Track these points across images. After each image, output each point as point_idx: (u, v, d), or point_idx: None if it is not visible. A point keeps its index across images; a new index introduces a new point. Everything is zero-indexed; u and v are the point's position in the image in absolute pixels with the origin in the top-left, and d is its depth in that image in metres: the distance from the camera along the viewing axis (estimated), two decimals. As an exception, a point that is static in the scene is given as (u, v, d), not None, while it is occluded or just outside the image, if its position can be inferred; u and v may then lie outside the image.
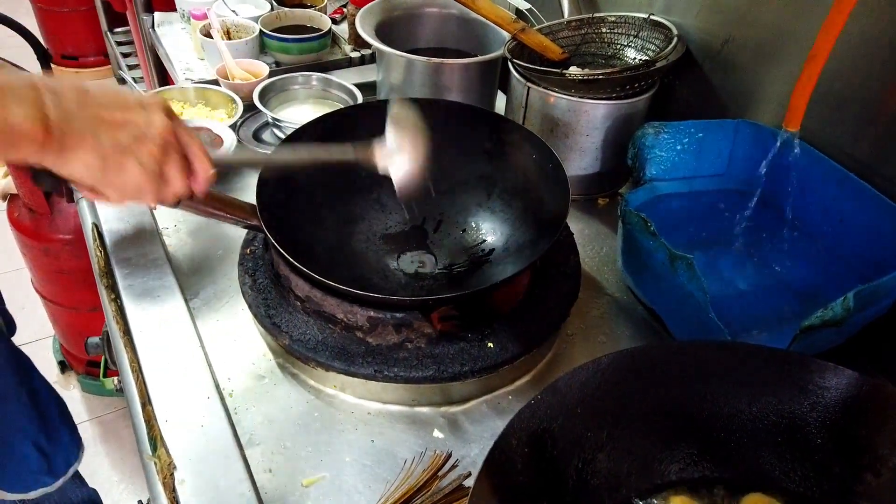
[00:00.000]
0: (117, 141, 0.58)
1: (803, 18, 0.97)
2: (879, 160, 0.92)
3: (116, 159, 0.59)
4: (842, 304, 0.74)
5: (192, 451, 0.78)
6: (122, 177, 0.60)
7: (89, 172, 0.59)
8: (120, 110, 0.59)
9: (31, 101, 0.54)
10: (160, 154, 0.61)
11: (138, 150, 0.60)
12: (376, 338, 0.86)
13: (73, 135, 0.56)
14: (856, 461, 0.66)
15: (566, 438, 0.65)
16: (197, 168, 0.66)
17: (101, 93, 0.59)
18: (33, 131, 0.54)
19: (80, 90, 0.57)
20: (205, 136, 1.13)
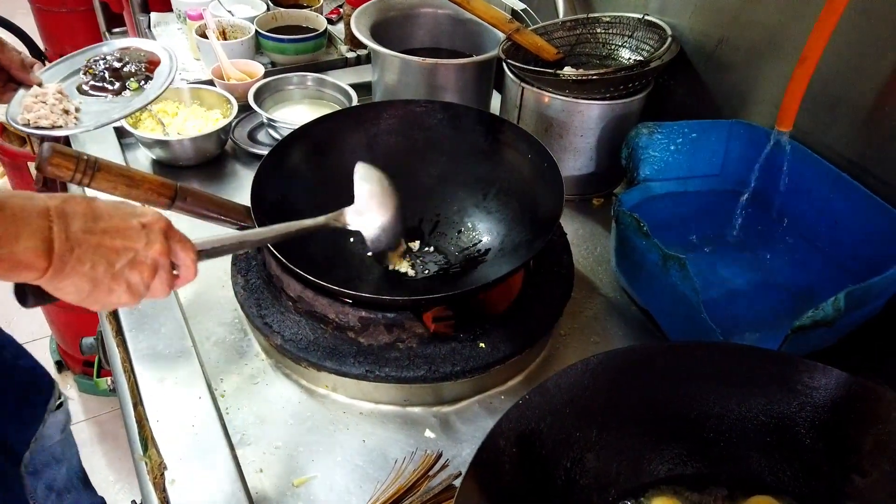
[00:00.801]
0: (112, 268, 0.59)
1: (797, 19, 0.97)
2: (872, 161, 0.92)
3: (107, 284, 0.60)
4: (833, 305, 0.74)
5: (183, 451, 0.78)
6: (109, 297, 0.61)
7: (78, 295, 0.59)
8: (122, 237, 0.60)
9: (40, 234, 0.55)
10: (150, 277, 0.63)
11: (130, 275, 0.61)
12: (368, 338, 0.86)
13: (71, 262, 0.57)
14: (844, 461, 0.66)
15: (555, 438, 0.65)
16: (183, 274, 0.68)
17: (109, 215, 0.60)
18: (37, 263, 0.55)
19: (89, 215, 0.58)
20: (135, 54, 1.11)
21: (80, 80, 1.04)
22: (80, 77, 1.05)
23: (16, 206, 0.54)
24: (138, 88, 1.04)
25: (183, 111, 1.30)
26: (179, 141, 1.20)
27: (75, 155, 0.76)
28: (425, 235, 1.08)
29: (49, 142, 0.84)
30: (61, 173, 0.74)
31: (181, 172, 1.24)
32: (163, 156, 1.24)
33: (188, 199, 0.84)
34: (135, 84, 1.05)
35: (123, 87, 1.05)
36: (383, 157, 1.11)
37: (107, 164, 0.77)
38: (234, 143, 1.29)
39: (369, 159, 1.11)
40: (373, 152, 1.12)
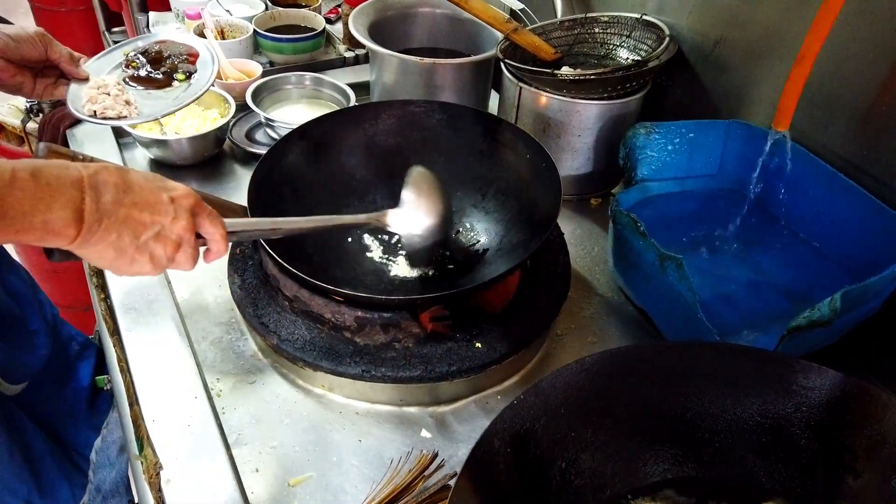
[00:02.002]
0: (137, 240, 0.61)
1: (794, 19, 0.97)
2: (869, 160, 0.92)
3: (132, 254, 0.62)
4: (829, 305, 0.74)
5: (179, 451, 0.78)
6: (132, 267, 0.63)
7: (103, 261, 0.62)
8: (150, 211, 0.62)
9: (72, 204, 0.56)
10: (173, 251, 0.65)
11: (154, 248, 0.63)
12: (364, 338, 0.86)
13: (100, 231, 0.59)
14: (838, 462, 0.66)
15: (550, 439, 0.65)
16: (213, 249, 0.70)
17: (140, 187, 0.62)
18: (67, 232, 0.57)
19: (120, 186, 0.60)
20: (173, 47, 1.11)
21: (125, 73, 1.04)
22: (123, 70, 1.05)
23: (51, 176, 0.56)
24: (185, 80, 1.05)
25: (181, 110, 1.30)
26: (177, 140, 1.20)
27: (70, 154, 0.76)
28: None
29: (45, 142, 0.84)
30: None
31: (179, 172, 1.24)
32: (160, 155, 1.24)
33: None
34: (182, 76, 1.05)
35: (170, 78, 1.05)
36: (381, 157, 1.12)
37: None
38: (231, 142, 1.29)
39: (367, 159, 1.12)
40: (371, 152, 1.12)
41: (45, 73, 0.95)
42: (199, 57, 1.10)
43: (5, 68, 0.88)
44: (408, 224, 0.88)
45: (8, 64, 0.88)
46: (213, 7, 1.55)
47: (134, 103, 1.00)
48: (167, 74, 1.05)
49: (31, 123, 1.69)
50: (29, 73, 0.92)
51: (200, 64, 1.09)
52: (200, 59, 1.10)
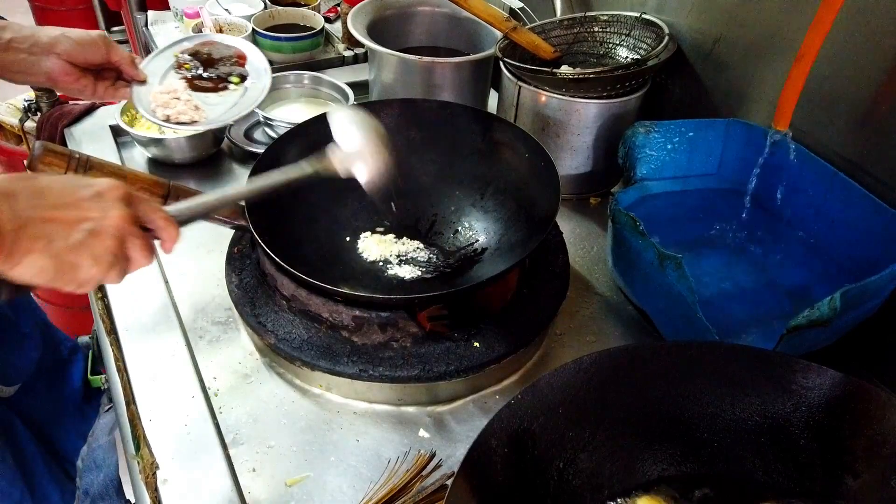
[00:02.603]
0: (71, 240, 0.57)
1: (794, 18, 0.97)
2: (869, 160, 0.91)
3: (69, 259, 0.57)
4: (828, 304, 0.74)
5: (176, 451, 0.78)
6: (77, 273, 0.59)
7: (43, 275, 0.57)
8: (74, 208, 0.57)
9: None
10: (116, 245, 0.60)
11: (93, 246, 0.58)
12: (362, 337, 0.86)
13: (25, 240, 0.54)
14: (837, 462, 0.66)
15: (547, 438, 0.65)
16: (164, 237, 0.66)
17: (58, 190, 0.58)
18: None
19: (35, 191, 0.56)
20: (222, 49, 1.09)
21: (180, 75, 1.03)
22: (176, 72, 1.04)
23: None
24: (240, 83, 1.04)
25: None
26: (175, 139, 1.20)
27: (67, 153, 0.75)
28: (422, 234, 1.08)
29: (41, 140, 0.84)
30: (53, 172, 0.74)
31: (177, 171, 1.24)
32: (159, 154, 1.24)
33: (181, 198, 0.83)
34: (236, 79, 1.04)
35: (224, 81, 1.04)
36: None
37: (99, 163, 0.76)
38: (230, 141, 1.29)
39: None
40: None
41: (104, 74, 0.95)
42: (248, 59, 1.08)
43: (70, 72, 0.88)
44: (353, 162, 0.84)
45: (73, 68, 0.89)
46: (212, 6, 1.55)
47: (202, 108, 1.00)
48: (221, 78, 1.04)
49: (29, 122, 1.69)
50: (91, 75, 0.92)
51: (251, 66, 1.08)
52: (250, 61, 1.08)
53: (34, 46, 0.85)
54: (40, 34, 0.86)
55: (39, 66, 0.86)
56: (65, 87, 0.90)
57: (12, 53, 0.85)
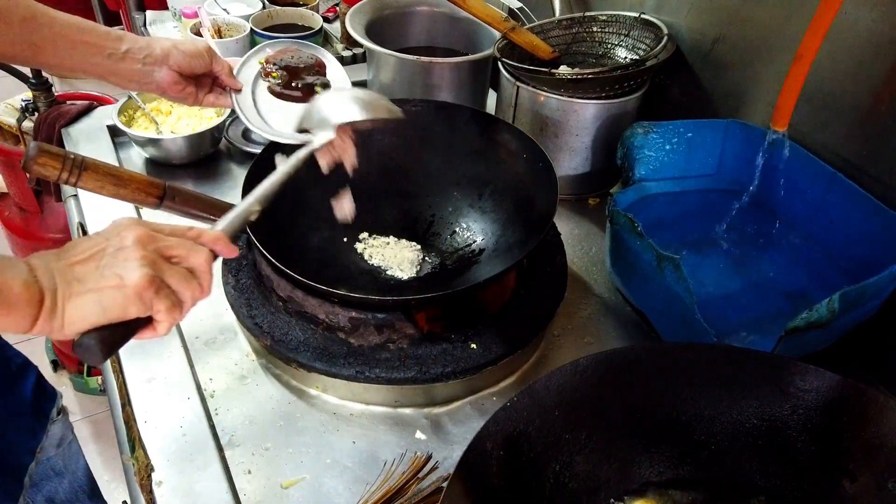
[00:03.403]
0: (99, 269, 0.59)
1: (793, 18, 0.97)
2: (868, 160, 0.91)
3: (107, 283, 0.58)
4: (827, 306, 0.73)
5: (171, 453, 0.77)
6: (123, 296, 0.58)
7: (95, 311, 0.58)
8: (91, 247, 0.60)
9: (24, 271, 0.57)
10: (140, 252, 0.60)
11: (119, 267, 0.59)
12: (358, 338, 0.85)
13: (62, 287, 0.57)
14: (835, 465, 0.65)
15: (543, 441, 0.64)
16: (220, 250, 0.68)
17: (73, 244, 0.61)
18: (28, 295, 0.55)
19: (56, 252, 0.60)
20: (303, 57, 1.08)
21: (267, 84, 1.03)
22: (261, 81, 1.04)
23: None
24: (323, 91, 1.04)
25: (176, 109, 1.29)
26: (173, 139, 1.20)
27: (62, 154, 0.75)
28: (420, 235, 1.08)
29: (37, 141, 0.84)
30: (47, 172, 0.73)
31: (175, 171, 1.24)
32: (156, 154, 1.23)
33: (177, 199, 0.83)
34: (320, 89, 1.04)
35: (311, 90, 1.04)
36: (378, 157, 1.11)
37: (94, 164, 0.76)
38: (228, 141, 1.29)
39: (364, 158, 1.11)
40: (367, 151, 1.11)
41: (202, 81, 0.97)
42: (327, 67, 1.08)
43: (178, 82, 0.92)
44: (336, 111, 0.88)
45: (181, 78, 0.92)
46: (211, 6, 1.55)
47: None
48: (308, 87, 1.04)
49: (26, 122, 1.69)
50: (193, 84, 0.95)
51: (331, 75, 1.07)
52: (329, 69, 1.08)
53: (148, 58, 0.88)
54: (154, 46, 0.89)
55: (152, 76, 0.90)
56: (171, 95, 0.94)
57: (129, 63, 0.88)
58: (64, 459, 1.23)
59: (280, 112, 1.02)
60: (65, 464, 1.23)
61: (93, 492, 1.33)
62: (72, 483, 1.26)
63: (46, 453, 1.19)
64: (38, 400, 1.20)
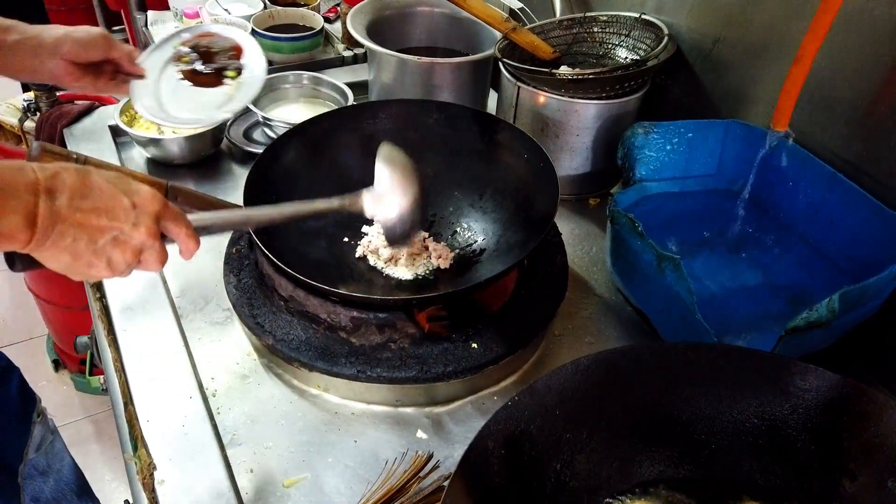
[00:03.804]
0: (94, 244, 0.60)
1: (794, 18, 0.97)
2: (868, 161, 0.91)
3: (88, 258, 0.60)
4: (827, 306, 0.74)
5: (173, 451, 0.78)
6: (89, 270, 0.62)
7: (57, 264, 0.60)
8: (108, 216, 0.60)
9: (25, 209, 0.55)
10: (132, 257, 0.63)
11: (112, 253, 0.61)
12: (360, 338, 0.86)
13: (53, 237, 0.57)
14: (835, 464, 0.65)
15: (544, 440, 0.65)
16: (183, 248, 0.68)
17: (99, 191, 0.60)
18: (18, 236, 0.56)
19: (77, 190, 0.58)
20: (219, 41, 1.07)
21: (177, 68, 1.02)
22: (172, 65, 1.03)
23: (3, 180, 0.55)
24: (235, 76, 1.03)
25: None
26: (174, 139, 1.20)
27: (65, 153, 0.75)
28: (420, 236, 1.08)
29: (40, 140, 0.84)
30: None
31: (176, 171, 1.24)
32: (157, 154, 1.24)
33: (179, 199, 0.84)
34: (232, 72, 1.03)
35: (220, 75, 1.03)
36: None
37: (97, 163, 0.76)
38: (229, 141, 1.29)
39: (365, 159, 1.11)
40: (368, 152, 1.10)
41: (103, 68, 0.95)
42: (244, 51, 1.06)
43: (73, 72, 0.89)
44: (383, 207, 0.84)
45: (76, 67, 0.89)
46: (212, 6, 1.55)
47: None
48: (218, 71, 1.03)
49: (28, 122, 1.69)
50: (91, 72, 0.93)
51: (246, 60, 1.05)
52: (246, 53, 1.06)
53: (39, 48, 0.86)
54: (44, 36, 0.86)
55: (44, 67, 0.87)
56: (67, 84, 0.91)
57: (19, 55, 0.85)
58: (47, 458, 1.23)
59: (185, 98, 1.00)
60: (48, 463, 1.24)
61: (81, 489, 1.33)
62: (57, 482, 1.26)
63: (28, 455, 1.19)
64: (24, 401, 1.21)
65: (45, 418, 1.26)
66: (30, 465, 1.19)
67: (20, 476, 1.16)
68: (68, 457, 1.32)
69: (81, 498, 1.32)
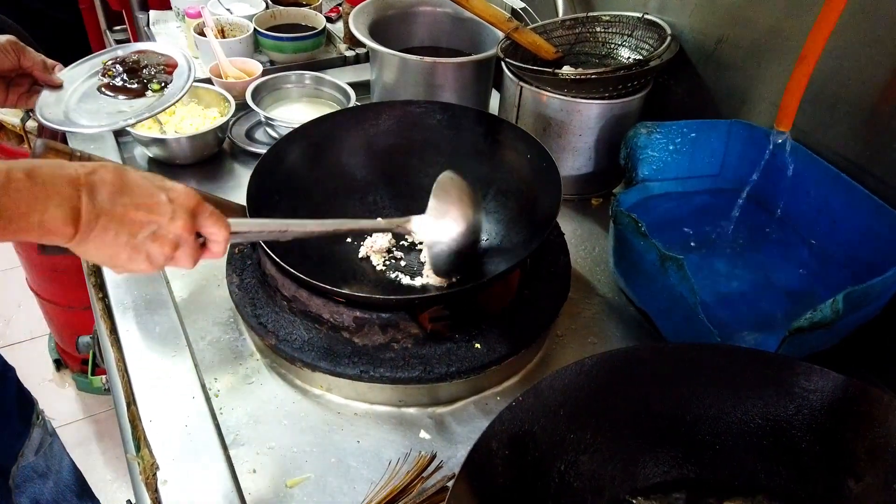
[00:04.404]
0: (134, 239, 0.61)
1: (797, 18, 0.97)
2: (872, 161, 0.91)
3: (128, 252, 0.62)
4: (831, 306, 0.74)
5: (176, 451, 0.77)
6: (129, 265, 0.63)
7: (101, 258, 0.62)
8: (146, 210, 0.61)
9: (68, 204, 0.57)
10: (171, 250, 0.64)
11: (151, 247, 0.62)
12: (362, 338, 0.86)
13: (97, 230, 0.59)
14: (840, 465, 0.65)
15: (548, 441, 0.65)
16: (213, 249, 0.69)
17: (137, 187, 0.61)
18: (64, 230, 0.57)
19: (117, 185, 0.60)
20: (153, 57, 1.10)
21: (101, 82, 1.04)
22: (99, 79, 1.05)
23: (46, 175, 0.56)
24: (160, 90, 1.04)
25: (180, 109, 1.29)
26: (176, 139, 1.20)
27: (68, 152, 0.75)
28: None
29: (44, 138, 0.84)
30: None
31: (178, 171, 1.24)
32: (160, 154, 1.23)
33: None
34: (157, 85, 1.05)
35: (145, 88, 1.05)
36: (382, 158, 1.11)
37: (98, 159, 0.76)
38: (231, 141, 1.29)
39: (368, 159, 1.11)
40: (371, 153, 1.11)
41: (18, 81, 0.94)
42: (177, 67, 1.09)
43: None
44: (432, 231, 0.84)
45: None
46: (214, 6, 1.55)
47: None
48: (142, 84, 1.05)
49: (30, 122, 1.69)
50: (1, 83, 0.91)
51: (176, 74, 1.08)
52: (178, 69, 1.09)
53: None
54: None
55: None
56: None
57: None
58: (46, 461, 1.23)
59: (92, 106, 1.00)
60: (47, 465, 1.23)
61: (82, 490, 1.33)
62: (57, 483, 1.26)
63: (27, 458, 1.19)
64: (22, 403, 1.20)
65: (44, 421, 1.26)
66: (29, 468, 1.19)
67: (11, 478, 1.16)
68: (67, 458, 1.32)
69: (82, 499, 1.32)
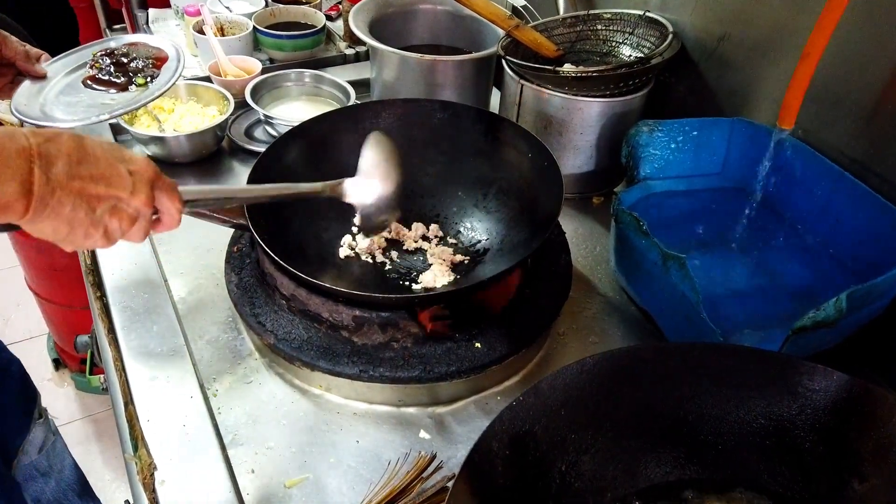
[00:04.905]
0: (93, 214, 0.58)
1: (799, 15, 0.96)
2: (875, 159, 0.90)
3: (85, 228, 0.58)
4: (834, 305, 0.73)
5: (174, 451, 0.77)
6: (84, 241, 0.60)
7: (54, 236, 0.58)
8: (106, 184, 0.58)
9: (20, 177, 0.53)
10: (128, 226, 0.61)
11: (109, 222, 0.60)
12: (362, 337, 0.85)
13: (51, 205, 0.55)
14: (844, 465, 0.65)
15: (549, 441, 0.64)
16: (165, 222, 0.66)
17: (95, 158, 0.58)
18: (15, 206, 0.53)
19: (74, 156, 0.56)
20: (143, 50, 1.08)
21: (87, 74, 1.03)
22: (86, 70, 1.03)
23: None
24: (144, 84, 1.03)
25: (179, 107, 1.29)
26: (175, 137, 1.20)
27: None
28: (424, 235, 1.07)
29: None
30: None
31: (177, 169, 1.23)
32: (159, 152, 1.23)
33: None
34: (141, 80, 1.03)
35: (130, 82, 1.03)
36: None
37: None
38: (230, 139, 1.28)
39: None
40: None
41: (1, 71, 0.91)
42: (167, 61, 1.06)
43: None
44: (363, 194, 0.83)
45: None
46: (213, 3, 1.54)
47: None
48: (128, 78, 1.03)
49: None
50: None
51: (164, 69, 1.05)
52: (167, 63, 1.06)
53: None
54: None
55: None
56: None
57: None
58: (48, 460, 1.23)
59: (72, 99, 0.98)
60: (49, 464, 1.23)
61: (83, 489, 1.32)
62: (59, 482, 1.25)
63: (29, 456, 1.18)
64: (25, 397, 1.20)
65: (47, 419, 1.25)
66: (31, 466, 1.19)
67: (14, 469, 1.15)
68: (69, 457, 1.31)
69: (83, 498, 1.32)
